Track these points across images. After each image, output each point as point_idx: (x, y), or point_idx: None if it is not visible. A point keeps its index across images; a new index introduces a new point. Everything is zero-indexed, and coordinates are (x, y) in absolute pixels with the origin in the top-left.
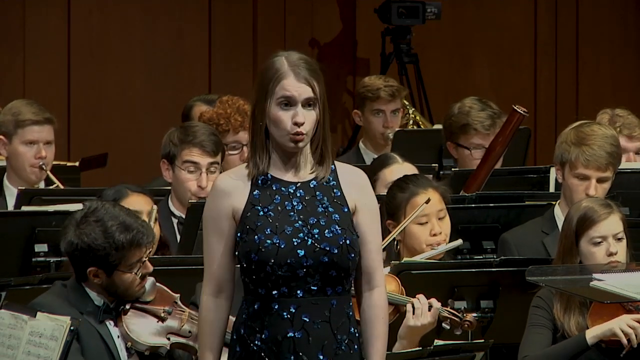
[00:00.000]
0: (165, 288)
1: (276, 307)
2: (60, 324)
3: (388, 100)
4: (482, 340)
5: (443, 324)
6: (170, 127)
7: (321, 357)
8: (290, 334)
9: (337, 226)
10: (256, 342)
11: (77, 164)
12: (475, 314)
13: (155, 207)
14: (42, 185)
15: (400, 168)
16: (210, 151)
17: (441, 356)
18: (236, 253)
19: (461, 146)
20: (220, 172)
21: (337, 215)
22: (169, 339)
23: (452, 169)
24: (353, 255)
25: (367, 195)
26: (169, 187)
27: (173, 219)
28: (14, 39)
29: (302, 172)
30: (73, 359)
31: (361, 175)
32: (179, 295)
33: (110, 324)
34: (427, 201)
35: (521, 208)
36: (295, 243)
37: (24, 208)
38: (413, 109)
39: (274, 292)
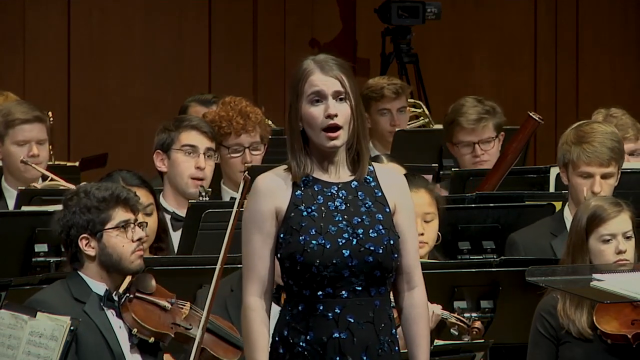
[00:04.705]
0: (162, 288)
1: (321, 308)
2: (60, 324)
3: (393, 98)
4: (482, 340)
5: (451, 330)
6: None
7: (365, 358)
8: (336, 335)
9: (380, 226)
10: (301, 343)
11: (77, 164)
12: (475, 314)
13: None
14: (40, 182)
15: None
16: (208, 132)
17: (441, 356)
18: (278, 255)
19: (454, 144)
20: (217, 163)
21: (380, 215)
22: (172, 328)
23: (452, 169)
24: (397, 255)
25: (406, 196)
26: None
27: (166, 214)
28: (14, 39)
29: (341, 172)
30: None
31: (400, 176)
32: (174, 295)
33: (112, 314)
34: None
35: (521, 208)
36: (340, 243)
37: (24, 208)
38: (422, 107)
39: (319, 293)
